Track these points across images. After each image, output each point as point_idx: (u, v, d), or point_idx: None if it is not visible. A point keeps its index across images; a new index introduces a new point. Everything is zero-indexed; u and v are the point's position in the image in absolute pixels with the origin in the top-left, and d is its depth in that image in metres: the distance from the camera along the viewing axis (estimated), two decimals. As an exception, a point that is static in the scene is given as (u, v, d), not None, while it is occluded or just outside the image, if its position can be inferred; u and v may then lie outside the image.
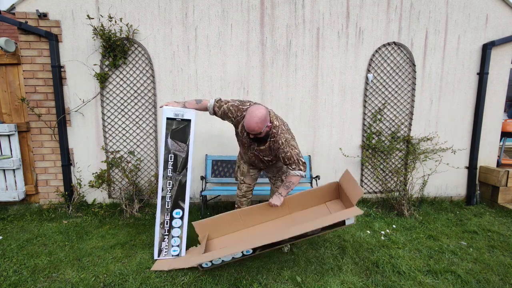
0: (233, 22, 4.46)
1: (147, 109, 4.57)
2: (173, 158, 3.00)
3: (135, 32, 4.41)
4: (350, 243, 3.30)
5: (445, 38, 4.82)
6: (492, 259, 3.13)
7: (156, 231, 3.05)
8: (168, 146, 2.98)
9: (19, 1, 4.25)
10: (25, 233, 3.68)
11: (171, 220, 3.06)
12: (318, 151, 4.87)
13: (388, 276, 2.66)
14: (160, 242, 3.05)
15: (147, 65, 4.50)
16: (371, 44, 4.71)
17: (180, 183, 3.03)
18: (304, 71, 4.68)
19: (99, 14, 4.38)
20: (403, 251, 3.14)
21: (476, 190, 5.06)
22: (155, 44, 4.48)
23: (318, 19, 4.60)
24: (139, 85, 4.53)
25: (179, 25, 4.47)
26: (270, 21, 4.54)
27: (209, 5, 4.46)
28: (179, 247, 3.09)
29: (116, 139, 4.63)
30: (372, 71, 4.77)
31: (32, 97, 4.42)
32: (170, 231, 3.08)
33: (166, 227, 3.05)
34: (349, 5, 4.62)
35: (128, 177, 4.42)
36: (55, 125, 4.45)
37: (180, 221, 3.07)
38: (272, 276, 2.68)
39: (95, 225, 3.88)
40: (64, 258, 3.05)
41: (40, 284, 2.62)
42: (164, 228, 3.05)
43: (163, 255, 3.06)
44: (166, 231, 3.06)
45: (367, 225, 3.88)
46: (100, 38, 4.29)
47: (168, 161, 2.98)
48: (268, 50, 4.60)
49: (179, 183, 3.03)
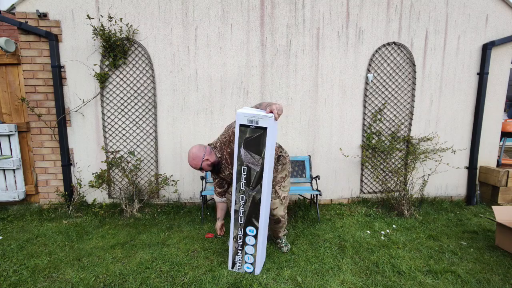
0: (233, 22, 4.45)
1: (147, 109, 4.53)
2: (246, 171, 2.66)
3: (135, 32, 4.38)
4: (350, 243, 3.29)
5: (445, 38, 4.81)
6: (492, 259, 3.11)
7: (230, 243, 2.87)
8: (241, 157, 2.62)
9: (19, 1, 4.22)
10: (25, 233, 3.66)
11: (244, 236, 2.83)
12: (318, 151, 4.82)
13: (388, 276, 2.65)
14: (233, 255, 2.86)
15: (147, 65, 4.48)
16: (371, 44, 4.69)
17: (253, 199, 2.72)
18: (304, 71, 4.65)
19: (99, 14, 4.36)
20: (403, 251, 3.13)
21: (476, 190, 5.03)
22: (155, 44, 4.45)
23: (318, 19, 4.58)
24: (139, 85, 4.50)
25: (179, 25, 4.45)
26: (270, 21, 4.51)
27: (209, 5, 4.43)
28: (253, 265, 2.84)
29: (116, 139, 4.59)
30: (372, 71, 4.75)
31: (32, 97, 4.40)
32: (244, 247, 2.86)
33: (239, 241, 2.83)
34: (349, 5, 4.61)
35: (128, 177, 4.39)
36: (55, 125, 4.42)
37: (254, 239, 2.80)
38: (272, 276, 2.67)
39: (95, 225, 3.85)
40: (64, 258, 3.03)
41: (40, 284, 2.62)
42: (238, 242, 2.84)
43: (237, 269, 2.88)
44: (240, 245, 2.85)
45: (367, 225, 3.87)
46: (100, 38, 4.28)
47: (241, 173, 2.66)
48: (268, 50, 4.57)
49: (253, 199, 2.72)
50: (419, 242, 3.44)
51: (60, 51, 4.37)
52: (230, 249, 2.84)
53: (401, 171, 4.73)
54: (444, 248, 3.32)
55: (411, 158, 4.76)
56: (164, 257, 3.07)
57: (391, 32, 4.71)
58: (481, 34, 4.86)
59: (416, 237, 3.55)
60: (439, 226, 3.92)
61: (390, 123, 4.83)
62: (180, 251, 3.21)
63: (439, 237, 3.57)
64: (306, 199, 4.78)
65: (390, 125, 4.83)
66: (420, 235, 3.63)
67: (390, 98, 4.83)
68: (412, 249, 3.20)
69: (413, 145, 4.81)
